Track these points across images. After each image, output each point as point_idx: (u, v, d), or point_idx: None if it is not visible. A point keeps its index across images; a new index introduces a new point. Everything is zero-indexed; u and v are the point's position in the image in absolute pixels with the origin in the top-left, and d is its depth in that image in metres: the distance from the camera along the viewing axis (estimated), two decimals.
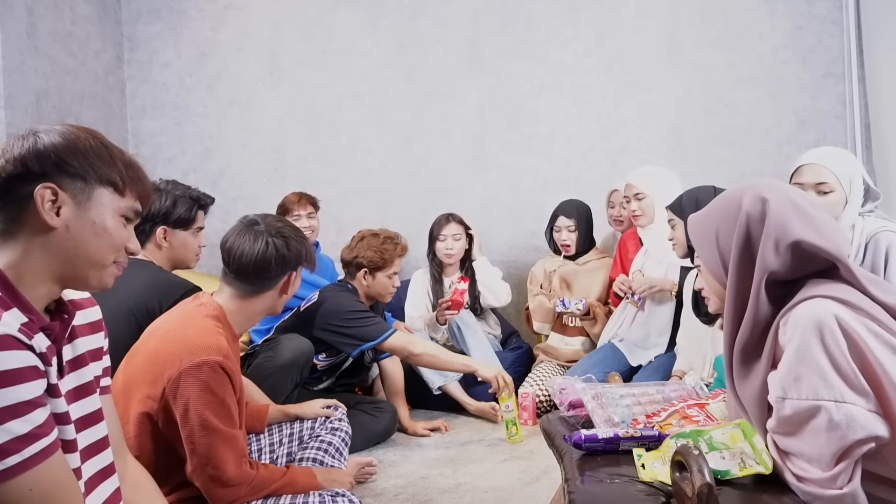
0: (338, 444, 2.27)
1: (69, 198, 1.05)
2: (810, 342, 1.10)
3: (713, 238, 1.30)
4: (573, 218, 3.43)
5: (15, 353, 0.93)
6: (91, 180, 1.08)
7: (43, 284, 1.06)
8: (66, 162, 1.05)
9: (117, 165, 1.12)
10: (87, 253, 1.08)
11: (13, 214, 1.03)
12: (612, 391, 1.58)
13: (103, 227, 1.09)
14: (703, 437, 1.28)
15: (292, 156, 4.22)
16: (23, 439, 0.92)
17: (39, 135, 1.06)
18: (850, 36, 3.72)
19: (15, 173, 1.02)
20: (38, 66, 3.44)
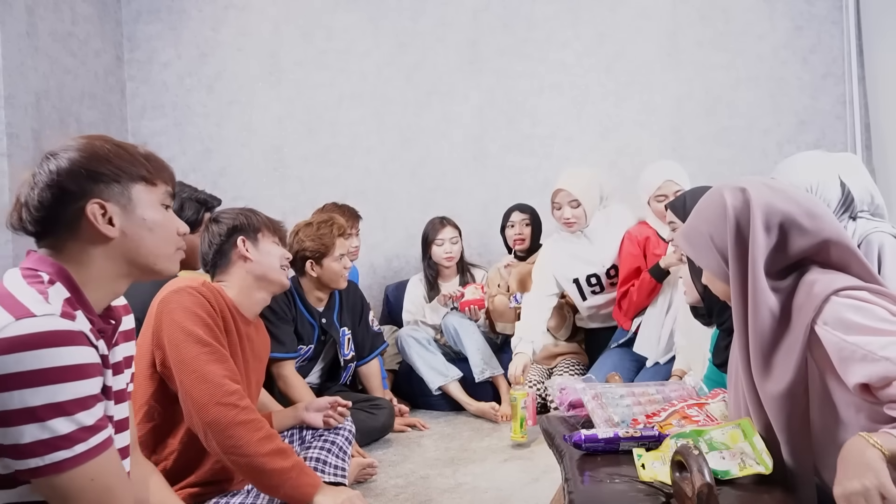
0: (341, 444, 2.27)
1: (115, 205, 1.11)
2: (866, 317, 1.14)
3: (709, 242, 1.32)
4: (527, 213, 3.54)
5: (87, 350, 1.01)
6: (125, 181, 1.12)
7: (107, 286, 1.13)
8: (97, 172, 1.10)
9: (139, 160, 1.16)
10: (148, 248, 1.15)
11: (67, 233, 1.09)
12: (612, 391, 1.58)
13: (153, 221, 1.15)
14: (703, 437, 1.28)
15: (292, 156, 4.22)
16: (88, 430, 0.99)
17: (58, 155, 1.10)
18: (850, 36, 3.72)
19: (56, 199, 1.08)
20: (38, 66, 3.44)
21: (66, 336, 0.99)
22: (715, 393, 1.54)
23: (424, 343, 3.36)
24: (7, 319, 0.97)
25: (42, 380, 0.95)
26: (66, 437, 0.97)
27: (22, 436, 0.95)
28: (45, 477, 0.97)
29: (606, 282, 3.21)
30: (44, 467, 0.96)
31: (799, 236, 1.25)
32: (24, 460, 0.96)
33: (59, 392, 0.96)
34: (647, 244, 3.06)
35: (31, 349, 0.95)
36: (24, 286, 1.04)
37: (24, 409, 0.95)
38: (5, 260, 3.21)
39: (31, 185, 1.10)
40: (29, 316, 0.98)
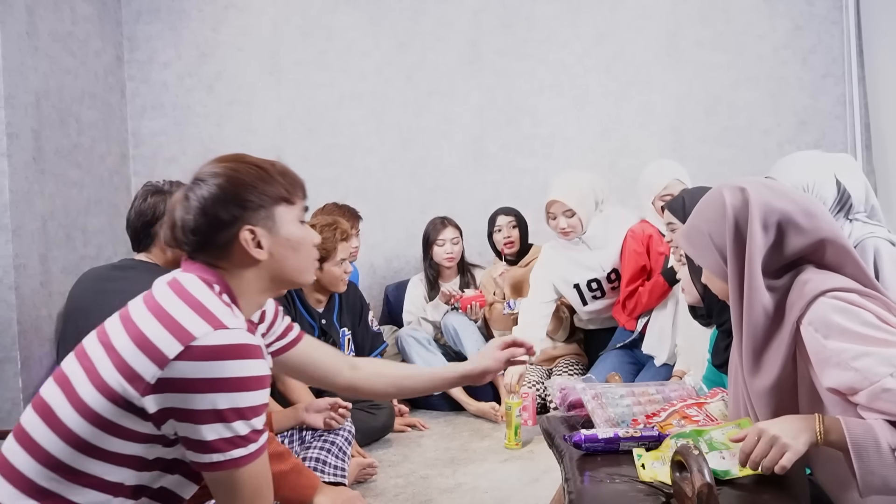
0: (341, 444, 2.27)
1: (262, 230, 1.20)
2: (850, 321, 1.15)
3: (708, 241, 1.33)
4: (512, 215, 3.53)
5: (264, 363, 1.13)
6: (268, 206, 1.21)
7: (253, 301, 1.24)
8: (246, 199, 1.19)
9: (277, 179, 1.23)
10: (293, 266, 1.25)
11: (220, 253, 1.20)
12: (612, 391, 1.58)
13: (296, 240, 1.24)
14: (703, 437, 1.28)
15: (292, 156, 4.21)
16: (258, 433, 1.12)
17: (207, 181, 1.19)
18: (850, 36, 3.72)
19: (209, 225, 1.18)
20: (38, 66, 3.44)
21: (252, 350, 1.11)
22: (714, 392, 1.54)
23: (424, 343, 3.36)
24: (206, 329, 1.09)
25: (230, 387, 1.07)
26: (245, 438, 1.10)
27: (208, 433, 1.07)
28: (221, 471, 1.10)
29: (608, 286, 3.20)
30: (224, 462, 1.09)
31: (796, 235, 1.26)
32: (207, 454, 1.09)
33: (242, 399, 1.08)
34: (651, 242, 3.05)
35: (227, 359, 1.08)
36: (210, 296, 1.15)
37: (213, 411, 1.07)
38: (5, 260, 3.21)
39: (185, 209, 1.19)
40: (223, 328, 1.10)
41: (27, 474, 1.11)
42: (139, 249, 2.24)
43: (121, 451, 1.10)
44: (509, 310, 3.34)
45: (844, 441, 1.10)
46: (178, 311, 1.12)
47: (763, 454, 1.13)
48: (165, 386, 1.07)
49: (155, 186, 2.25)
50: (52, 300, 3.44)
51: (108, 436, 1.09)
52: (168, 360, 1.07)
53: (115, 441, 1.10)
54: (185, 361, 1.06)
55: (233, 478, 1.11)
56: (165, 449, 1.13)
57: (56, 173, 3.55)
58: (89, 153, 3.84)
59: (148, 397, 1.07)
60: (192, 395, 1.06)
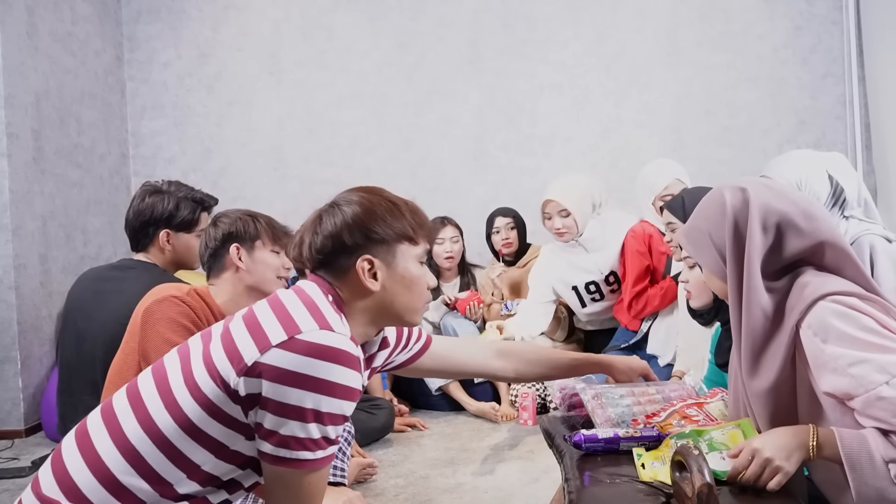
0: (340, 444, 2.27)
1: (381, 262, 1.24)
2: (849, 326, 1.15)
3: (708, 240, 1.33)
4: (510, 216, 3.53)
5: (358, 376, 1.14)
6: (391, 241, 1.25)
7: (361, 333, 1.27)
8: (372, 231, 1.23)
9: (406, 217, 1.27)
10: (402, 302, 1.27)
11: (337, 275, 1.24)
12: (612, 391, 1.58)
13: (411, 279, 1.27)
14: (703, 437, 1.28)
15: (292, 156, 4.21)
16: (330, 442, 1.13)
17: (342, 207, 1.26)
18: (850, 36, 3.72)
19: (334, 248, 1.23)
20: (38, 66, 3.44)
21: (351, 359, 1.12)
22: (714, 392, 1.54)
23: None
24: (312, 325, 1.12)
25: (321, 388, 1.09)
26: (315, 442, 1.11)
27: (284, 426, 1.09)
28: (283, 467, 1.11)
29: (606, 289, 3.20)
30: (290, 460, 1.11)
31: (795, 237, 1.26)
32: (275, 447, 1.10)
33: (327, 403, 1.10)
34: (652, 242, 3.04)
35: (324, 359, 1.09)
36: (324, 300, 1.19)
37: (296, 407, 1.08)
38: (5, 260, 3.21)
39: (315, 231, 1.25)
40: (329, 329, 1.12)
41: (129, 436, 1.13)
42: (138, 249, 2.24)
43: (210, 432, 1.12)
44: (507, 311, 3.34)
45: (839, 454, 1.11)
46: (293, 306, 1.16)
47: (755, 476, 1.15)
48: (260, 371, 1.09)
49: (153, 186, 2.25)
50: (52, 300, 3.44)
51: (203, 413, 1.12)
52: (270, 345, 1.10)
53: (208, 420, 1.12)
54: (285, 351, 1.09)
55: (291, 478, 1.13)
56: (247, 443, 1.15)
57: (56, 173, 3.55)
58: (89, 153, 3.84)
59: (242, 379, 1.10)
60: (283, 386, 1.08)
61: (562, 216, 3.07)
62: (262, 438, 1.12)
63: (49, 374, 3.37)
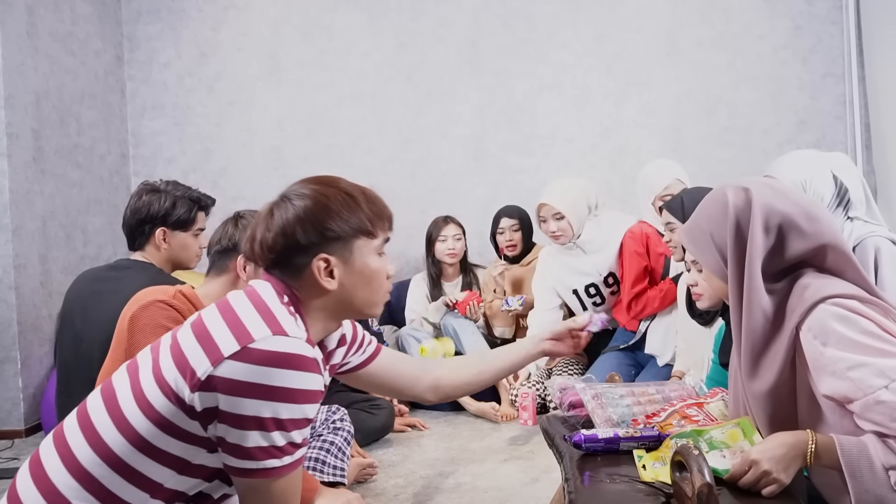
0: (340, 444, 2.27)
1: (337, 260, 1.19)
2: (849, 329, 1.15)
3: (709, 239, 1.33)
4: (515, 218, 3.52)
5: (318, 378, 1.11)
6: (348, 237, 1.20)
7: (319, 325, 1.22)
8: (326, 228, 1.17)
9: (363, 209, 1.22)
10: (362, 297, 1.23)
11: (293, 274, 1.19)
12: (612, 391, 1.58)
13: (370, 273, 1.22)
14: (703, 436, 1.28)
15: (292, 156, 4.21)
16: (296, 447, 1.10)
17: (294, 202, 1.19)
18: (850, 36, 3.72)
19: (287, 247, 1.17)
20: (38, 66, 3.44)
21: (307, 362, 1.08)
22: (714, 392, 1.54)
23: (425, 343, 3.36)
24: (265, 332, 1.08)
25: (277, 396, 1.05)
26: (281, 449, 1.08)
27: (246, 439, 1.06)
28: (252, 478, 1.09)
29: (606, 291, 3.20)
30: (257, 470, 1.08)
31: (797, 239, 1.25)
32: (242, 460, 1.07)
33: (286, 410, 1.06)
34: (650, 242, 3.04)
35: (279, 367, 1.06)
36: (277, 303, 1.14)
37: (255, 418, 1.05)
38: (5, 260, 3.21)
39: (267, 226, 1.18)
40: (283, 334, 1.08)
41: (81, 460, 1.09)
42: (134, 248, 2.24)
43: (167, 449, 1.09)
44: (507, 307, 3.34)
45: (838, 461, 1.11)
46: (244, 311, 1.12)
47: (750, 486, 1.16)
48: (214, 384, 1.05)
49: (151, 185, 2.25)
50: (52, 300, 3.44)
51: (159, 431, 1.08)
52: (223, 357, 1.06)
53: (165, 437, 1.08)
54: (239, 362, 1.05)
55: (263, 487, 1.10)
56: (209, 456, 1.12)
57: (56, 173, 3.55)
58: (89, 153, 3.84)
59: (197, 394, 1.06)
60: (239, 398, 1.05)
61: (556, 219, 3.08)
62: (226, 453, 1.08)
63: (49, 374, 3.37)
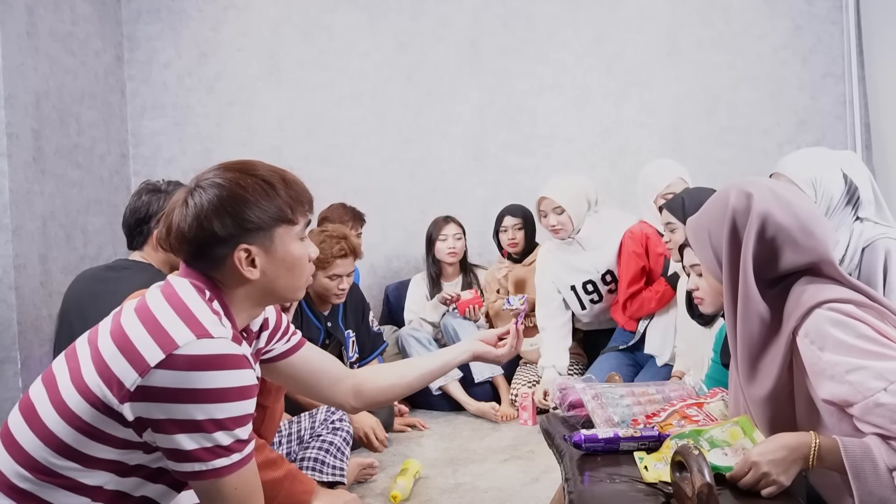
0: (339, 444, 2.27)
1: (258, 249, 1.16)
2: (846, 334, 1.15)
3: (706, 237, 1.34)
4: (519, 216, 3.52)
5: (250, 373, 1.10)
6: (268, 226, 1.17)
7: (244, 313, 1.21)
8: (245, 219, 1.14)
9: (281, 196, 1.18)
10: (284, 284, 1.22)
11: (214, 265, 1.16)
12: (612, 391, 1.58)
13: (293, 260, 1.21)
14: (704, 435, 1.28)
15: (292, 156, 4.21)
16: (243, 443, 1.10)
17: (208, 191, 1.15)
18: (850, 36, 3.72)
19: (205, 239, 1.14)
20: (38, 66, 3.44)
21: (237, 360, 1.08)
22: (714, 392, 1.54)
23: (425, 343, 3.36)
24: (188, 336, 1.06)
25: (209, 398, 1.04)
26: (227, 448, 1.07)
27: (187, 443, 1.05)
28: (204, 480, 1.08)
29: (604, 289, 3.20)
30: (206, 471, 1.07)
31: (791, 252, 1.25)
32: (189, 463, 1.06)
33: (222, 410, 1.06)
34: (649, 243, 3.04)
35: (207, 370, 1.05)
36: (199, 302, 1.12)
37: (191, 421, 1.04)
38: (5, 260, 3.21)
39: (182, 215, 1.15)
40: (207, 336, 1.07)
41: (6, 473, 1.09)
42: (133, 247, 2.24)
43: (99, 455, 1.08)
44: (509, 306, 3.34)
45: (841, 463, 1.11)
46: (164, 316, 1.09)
47: (750, 487, 1.16)
48: (145, 394, 1.04)
49: (151, 185, 2.25)
50: (52, 300, 3.44)
51: (86, 439, 1.07)
52: (149, 367, 1.04)
53: (94, 445, 1.07)
54: (166, 370, 1.04)
55: (217, 487, 1.09)
56: (147, 456, 1.11)
57: (56, 173, 3.55)
58: (89, 153, 3.84)
59: (126, 404, 1.05)
60: (171, 404, 1.04)
61: (556, 213, 3.09)
62: (171, 459, 1.07)
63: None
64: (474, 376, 3.26)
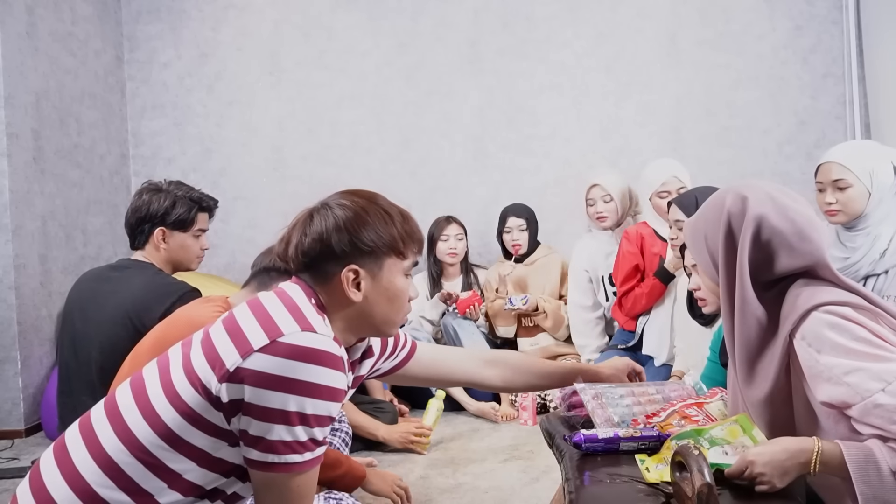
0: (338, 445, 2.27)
1: (366, 273, 1.21)
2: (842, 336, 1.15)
3: (703, 240, 1.34)
4: (523, 218, 3.54)
5: (344, 377, 1.13)
6: (380, 252, 1.22)
7: (339, 337, 1.21)
8: (360, 241, 1.20)
9: (397, 228, 1.25)
10: (382, 314, 1.25)
11: (321, 280, 1.21)
12: (612, 391, 1.58)
13: (395, 292, 1.25)
14: (704, 435, 1.28)
15: (292, 156, 4.21)
16: (318, 444, 1.12)
17: (335, 210, 1.23)
18: (850, 36, 3.72)
19: (321, 253, 1.20)
20: (38, 66, 3.44)
21: (334, 359, 1.10)
22: (713, 392, 1.54)
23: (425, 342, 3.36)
24: (294, 327, 1.10)
25: (303, 390, 1.07)
26: (303, 444, 1.09)
27: (270, 432, 1.07)
28: (271, 472, 1.10)
29: None
30: (278, 464, 1.09)
31: (786, 256, 1.26)
32: (263, 453, 1.08)
33: (311, 405, 1.07)
34: (644, 243, 3.09)
35: (307, 362, 1.07)
36: (306, 302, 1.17)
37: (280, 411, 1.06)
38: (5, 260, 3.21)
39: (304, 232, 1.22)
40: (312, 330, 1.11)
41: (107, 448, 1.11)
42: (135, 247, 2.24)
43: (191, 440, 1.10)
44: (511, 306, 3.35)
45: (843, 467, 1.11)
46: (274, 308, 1.15)
47: (745, 484, 1.16)
48: (243, 376, 1.07)
49: (154, 185, 2.25)
50: (52, 300, 3.44)
51: (185, 422, 1.10)
52: (252, 349, 1.08)
53: (190, 429, 1.10)
54: (268, 355, 1.07)
55: (281, 481, 1.11)
56: (231, 450, 1.13)
57: (56, 173, 3.55)
58: (89, 153, 3.84)
59: (224, 385, 1.08)
60: (266, 391, 1.06)
61: (605, 201, 3.19)
62: (248, 445, 1.10)
63: (49, 374, 3.37)
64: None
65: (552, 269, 3.51)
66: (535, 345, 3.44)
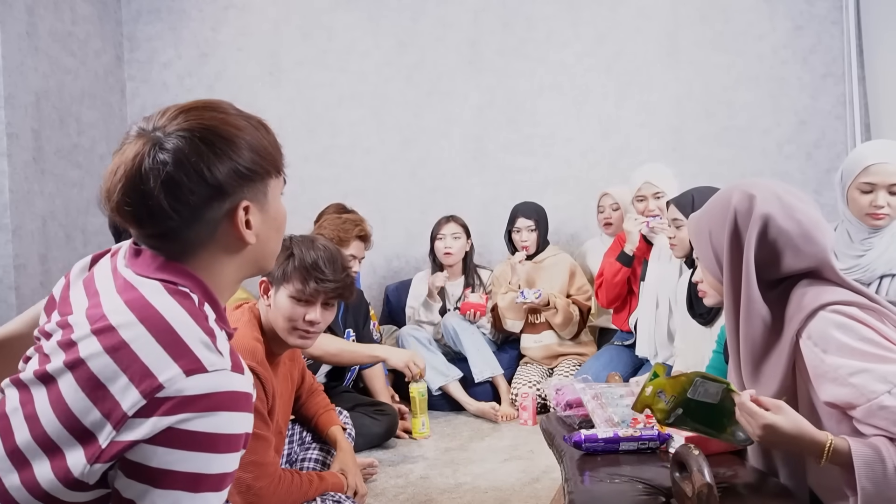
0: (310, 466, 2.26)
1: (255, 207, 0.94)
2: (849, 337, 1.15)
3: (707, 236, 1.34)
4: (532, 218, 3.52)
5: (249, 417, 0.87)
6: (264, 175, 0.96)
7: (226, 296, 0.97)
8: (243, 165, 0.92)
9: (270, 140, 0.99)
10: (272, 249, 1.00)
11: (197, 241, 0.91)
12: (611, 391, 1.58)
13: (282, 219, 1.01)
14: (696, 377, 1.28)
15: (292, 156, 4.17)
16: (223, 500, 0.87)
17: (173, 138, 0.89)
18: (850, 36, 3.72)
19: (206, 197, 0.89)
20: (38, 66, 3.44)
21: (238, 400, 0.84)
22: None
23: (425, 342, 3.36)
24: (173, 370, 0.81)
25: (204, 446, 0.81)
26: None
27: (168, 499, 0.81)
28: None
29: None
30: None
31: (792, 257, 1.25)
32: None
33: (218, 463, 0.83)
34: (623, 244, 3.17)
35: (201, 411, 0.81)
36: (180, 313, 0.85)
37: (182, 473, 0.81)
38: (5, 260, 3.21)
39: (156, 174, 0.87)
40: (201, 372, 0.82)
41: None
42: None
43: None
44: (522, 299, 3.34)
45: (849, 461, 1.11)
46: (139, 342, 0.82)
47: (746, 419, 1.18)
48: (118, 451, 0.81)
49: None
50: None
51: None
52: (126, 417, 0.80)
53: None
54: (147, 418, 0.80)
55: None
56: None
57: (56, 173, 3.55)
58: (89, 153, 3.84)
59: (98, 465, 0.81)
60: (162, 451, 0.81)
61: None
62: None
63: None
64: (474, 376, 3.26)
65: (561, 269, 3.49)
66: (539, 342, 3.44)
